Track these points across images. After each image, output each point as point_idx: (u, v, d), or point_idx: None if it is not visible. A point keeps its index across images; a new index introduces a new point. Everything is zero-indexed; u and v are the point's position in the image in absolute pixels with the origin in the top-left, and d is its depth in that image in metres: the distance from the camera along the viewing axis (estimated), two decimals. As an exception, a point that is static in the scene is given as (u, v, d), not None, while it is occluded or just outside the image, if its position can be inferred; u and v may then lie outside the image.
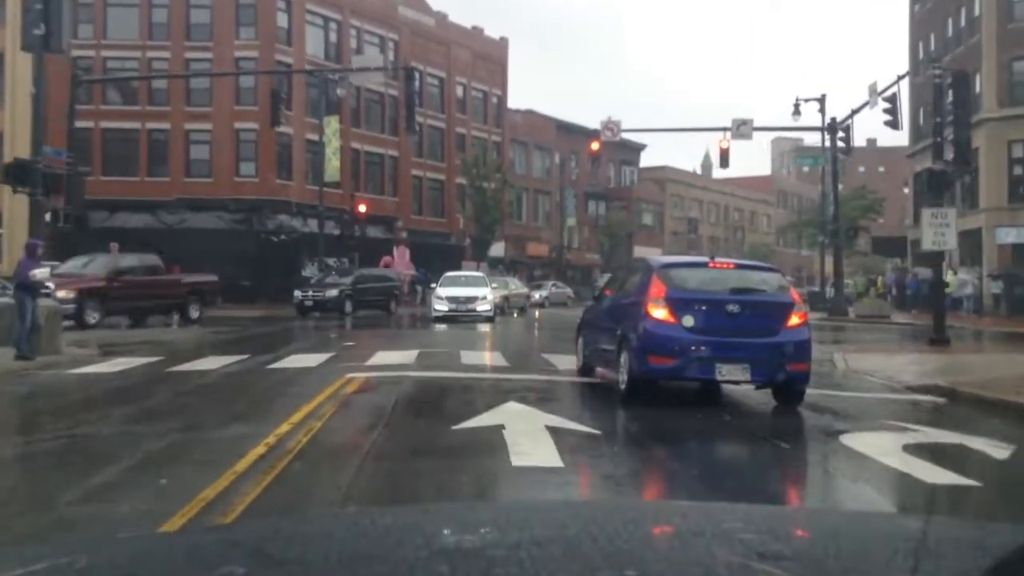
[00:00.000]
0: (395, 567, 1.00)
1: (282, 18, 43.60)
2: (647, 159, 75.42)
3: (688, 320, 8.98)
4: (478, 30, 57.37)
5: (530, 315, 34.94)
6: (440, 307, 27.80)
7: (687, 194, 79.09)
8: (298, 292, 31.11)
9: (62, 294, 19.38)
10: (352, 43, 47.09)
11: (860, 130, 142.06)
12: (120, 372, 12.28)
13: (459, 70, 54.78)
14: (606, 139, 35.48)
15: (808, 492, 6.19)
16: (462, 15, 65.31)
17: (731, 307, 9.06)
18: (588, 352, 11.67)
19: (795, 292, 10.17)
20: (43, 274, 14.29)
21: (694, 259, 11.83)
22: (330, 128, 40.27)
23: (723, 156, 33.98)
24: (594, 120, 42.11)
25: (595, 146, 36.87)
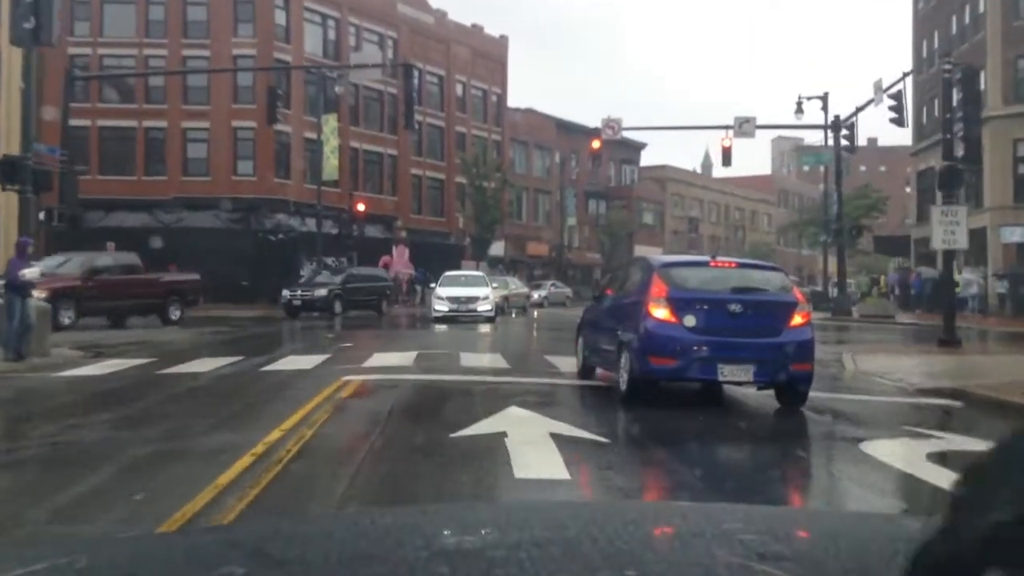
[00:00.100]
0: (395, 567, 0.99)
1: (280, 15, 43.21)
2: (647, 158, 75.21)
3: (689, 320, 8.84)
4: (477, 28, 56.98)
5: (529, 315, 34.62)
6: (440, 307, 27.42)
7: (687, 193, 78.79)
8: (286, 292, 30.32)
9: (35, 294, 18.87)
10: (351, 41, 46.70)
11: (861, 129, 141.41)
12: (109, 375, 11.94)
13: (458, 68, 54.39)
14: (607, 137, 35.15)
15: (839, 506, 5.72)
16: (461, 13, 65.04)
17: (733, 307, 8.91)
18: (588, 352, 11.49)
19: (798, 291, 9.99)
20: (33, 274, 13.99)
21: (695, 258, 11.66)
22: (328, 126, 39.90)
23: (725, 154, 33.68)
24: (594, 119, 41.86)
25: (596, 144, 36.54)
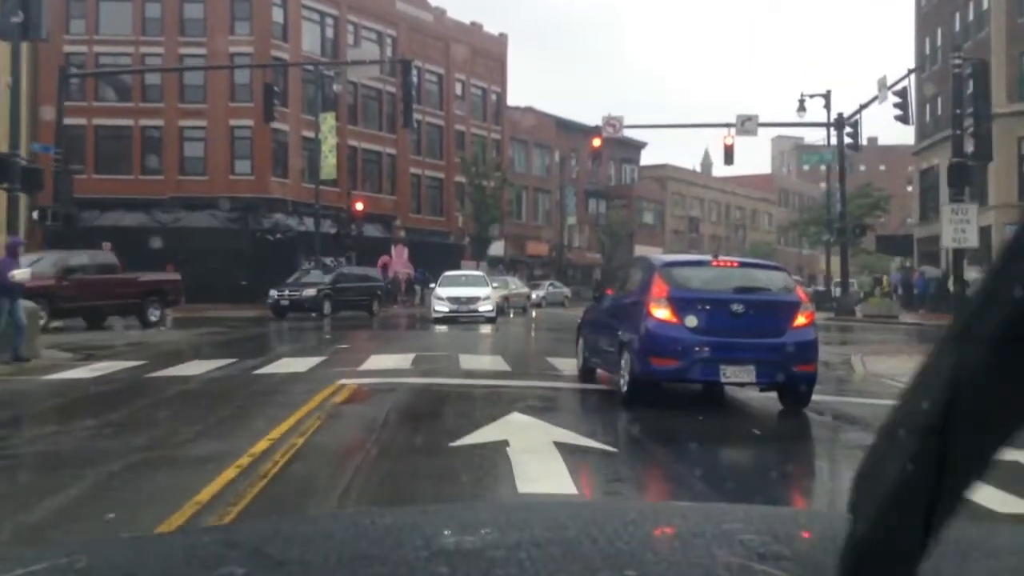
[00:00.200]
0: (395, 567, 0.98)
1: (278, 13, 42.81)
2: (647, 157, 74.85)
3: (691, 320, 8.67)
4: (477, 26, 56.57)
5: (528, 315, 34.26)
6: (441, 308, 26.99)
7: (688, 192, 78.42)
8: (273, 292, 29.50)
9: None
10: (349, 39, 46.28)
11: (861, 128, 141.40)
12: (97, 378, 11.55)
13: (458, 67, 53.98)
14: (608, 135, 34.78)
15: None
16: (461, 11, 64.53)
17: (735, 307, 8.75)
18: (588, 353, 11.31)
19: (801, 291, 9.79)
20: (23, 275, 13.63)
21: (697, 258, 11.52)
22: (326, 125, 39.49)
23: (727, 153, 33.28)
24: (594, 118, 41.40)
25: (597, 142, 36.15)
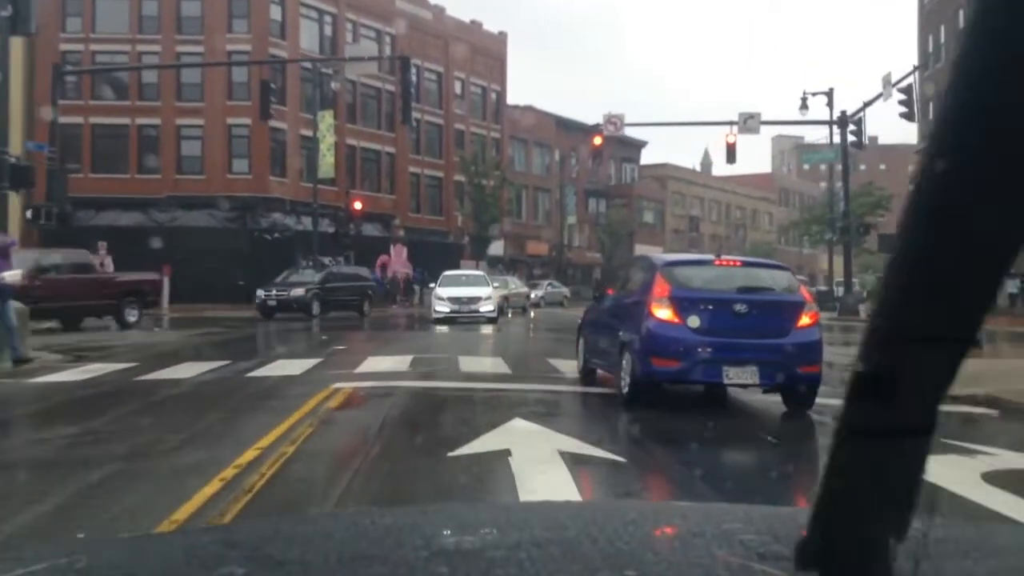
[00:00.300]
0: (395, 567, 0.98)
1: (276, 11, 42.47)
2: (647, 157, 74.72)
3: (693, 320, 8.51)
4: (476, 24, 56.21)
5: (527, 315, 33.90)
6: (441, 308, 26.62)
7: (688, 192, 78.10)
8: (261, 291, 28.79)
9: None
10: (348, 37, 45.90)
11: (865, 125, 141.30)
12: (86, 381, 11.20)
13: (457, 65, 53.62)
14: (609, 133, 34.47)
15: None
16: (460, 9, 64.10)
17: (738, 307, 8.57)
18: (589, 354, 11.10)
19: (806, 291, 9.54)
20: (14, 277, 13.24)
21: (699, 257, 11.31)
22: (324, 123, 39.12)
23: (730, 151, 32.96)
24: (594, 117, 41.18)
25: (597, 141, 35.79)
